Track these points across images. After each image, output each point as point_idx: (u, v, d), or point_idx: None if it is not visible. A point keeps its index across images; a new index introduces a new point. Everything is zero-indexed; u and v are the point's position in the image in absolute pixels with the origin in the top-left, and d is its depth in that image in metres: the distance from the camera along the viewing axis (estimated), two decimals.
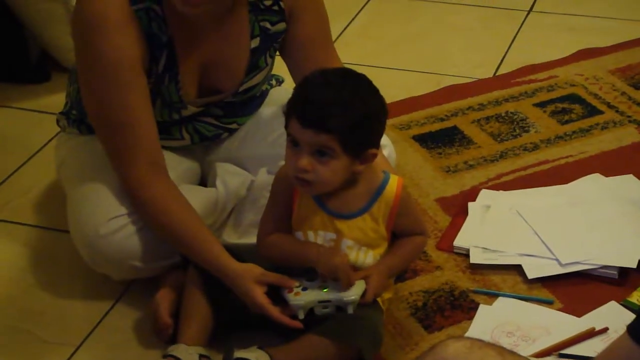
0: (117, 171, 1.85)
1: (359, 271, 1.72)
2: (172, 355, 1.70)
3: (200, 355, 1.72)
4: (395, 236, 1.79)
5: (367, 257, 1.74)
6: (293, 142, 1.65)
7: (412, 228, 1.77)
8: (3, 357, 1.84)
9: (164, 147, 1.91)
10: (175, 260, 1.89)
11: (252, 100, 2.06)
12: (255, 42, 1.93)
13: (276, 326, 1.75)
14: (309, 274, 1.72)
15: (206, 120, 2.02)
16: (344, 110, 1.61)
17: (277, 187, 1.75)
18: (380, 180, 1.73)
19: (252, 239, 1.83)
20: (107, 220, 1.85)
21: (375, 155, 1.68)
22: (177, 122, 1.98)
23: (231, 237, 1.97)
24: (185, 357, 1.70)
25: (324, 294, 1.69)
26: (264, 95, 2.10)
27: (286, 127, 1.67)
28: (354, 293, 1.69)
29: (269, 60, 1.99)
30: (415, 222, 1.78)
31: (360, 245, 1.73)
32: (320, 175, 1.65)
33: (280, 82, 2.19)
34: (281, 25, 1.94)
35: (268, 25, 1.93)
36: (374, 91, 1.68)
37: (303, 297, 1.69)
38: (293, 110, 1.64)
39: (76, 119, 2.04)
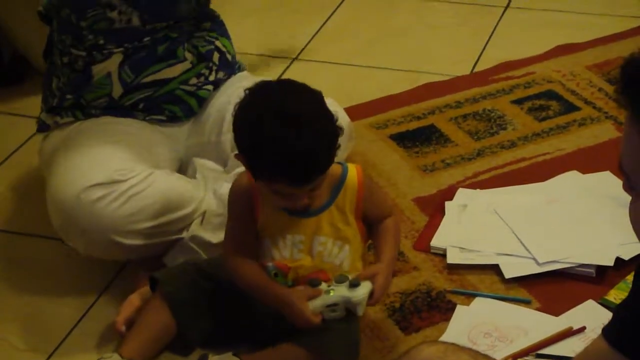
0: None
1: (363, 271, 1.71)
2: None
3: None
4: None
5: (342, 251, 1.72)
6: (282, 194, 1.65)
7: (381, 211, 1.76)
8: None
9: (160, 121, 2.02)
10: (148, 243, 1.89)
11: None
12: None
13: (251, 336, 1.75)
14: (312, 280, 1.70)
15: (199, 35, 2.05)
16: (327, 151, 1.62)
17: (236, 200, 1.73)
18: (340, 171, 1.72)
19: (216, 231, 1.86)
20: (86, 188, 1.83)
21: None
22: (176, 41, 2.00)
23: (197, 228, 1.93)
24: None
25: (331, 298, 1.67)
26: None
27: (258, 179, 1.65)
28: (361, 293, 1.67)
29: None
30: (383, 204, 1.78)
31: (333, 239, 1.71)
32: (316, 199, 1.68)
33: (243, 68, 2.19)
34: None
35: None
36: (320, 106, 1.64)
37: (312, 303, 1.67)
38: (279, 177, 1.61)
39: (72, 104, 2.02)
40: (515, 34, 2.88)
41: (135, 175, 1.87)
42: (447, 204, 2.13)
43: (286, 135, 1.58)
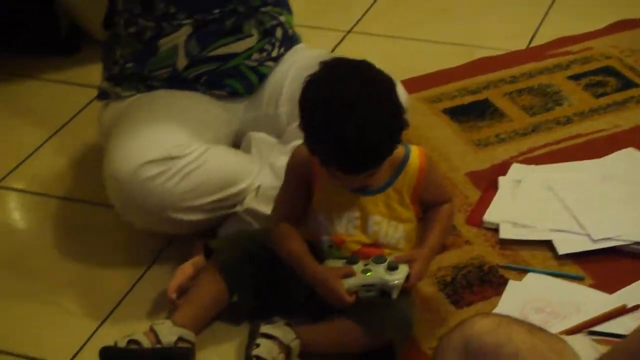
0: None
1: (403, 254, 1.70)
2: (152, 330, 1.71)
3: (180, 338, 1.71)
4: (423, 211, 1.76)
5: (397, 232, 1.72)
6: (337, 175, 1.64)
7: (437, 197, 1.75)
8: (30, 329, 1.85)
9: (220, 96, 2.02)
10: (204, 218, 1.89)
11: None
12: None
13: (303, 311, 1.75)
14: (350, 258, 1.70)
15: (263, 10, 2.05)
16: (384, 146, 1.60)
17: (295, 170, 1.72)
18: (402, 153, 1.70)
19: (271, 204, 1.82)
20: (142, 164, 1.83)
21: None
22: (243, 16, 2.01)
23: (251, 201, 1.95)
24: (163, 335, 1.70)
25: (368, 278, 1.66)
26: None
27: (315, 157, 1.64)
28: (398, 277, 1.66)
29: None
30: (440, 190, 1.77)
31: (388, 219, 1.71)
32: (374, 181, 1.67)
33: (299, 41, 2.17)
34: None
35: None
36: (387, 98, 1.60)
37: (347, 281, 1.67)
38: (332, 162, 1.60)
39: (133, 73, 2.03)
40: (573, 8, 2.84)
41: (192, 151, 1.87)
42: (501, 179, 2.11)
43: (343, 125, 1.55)
